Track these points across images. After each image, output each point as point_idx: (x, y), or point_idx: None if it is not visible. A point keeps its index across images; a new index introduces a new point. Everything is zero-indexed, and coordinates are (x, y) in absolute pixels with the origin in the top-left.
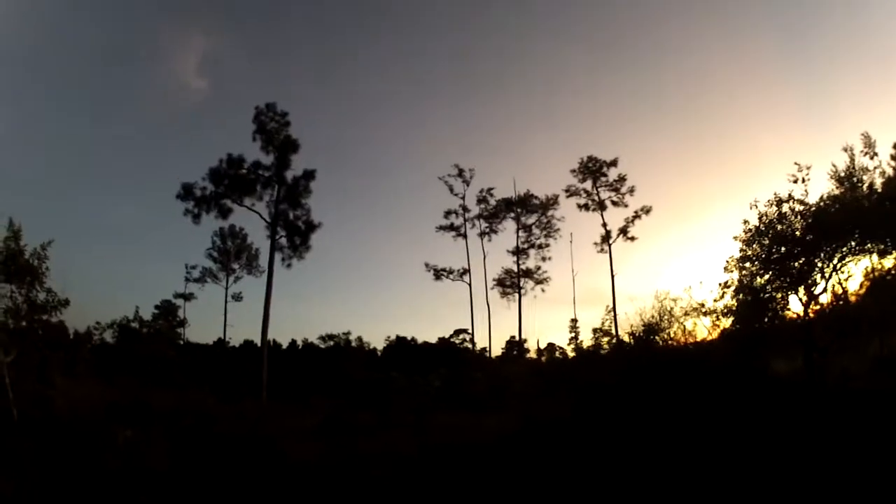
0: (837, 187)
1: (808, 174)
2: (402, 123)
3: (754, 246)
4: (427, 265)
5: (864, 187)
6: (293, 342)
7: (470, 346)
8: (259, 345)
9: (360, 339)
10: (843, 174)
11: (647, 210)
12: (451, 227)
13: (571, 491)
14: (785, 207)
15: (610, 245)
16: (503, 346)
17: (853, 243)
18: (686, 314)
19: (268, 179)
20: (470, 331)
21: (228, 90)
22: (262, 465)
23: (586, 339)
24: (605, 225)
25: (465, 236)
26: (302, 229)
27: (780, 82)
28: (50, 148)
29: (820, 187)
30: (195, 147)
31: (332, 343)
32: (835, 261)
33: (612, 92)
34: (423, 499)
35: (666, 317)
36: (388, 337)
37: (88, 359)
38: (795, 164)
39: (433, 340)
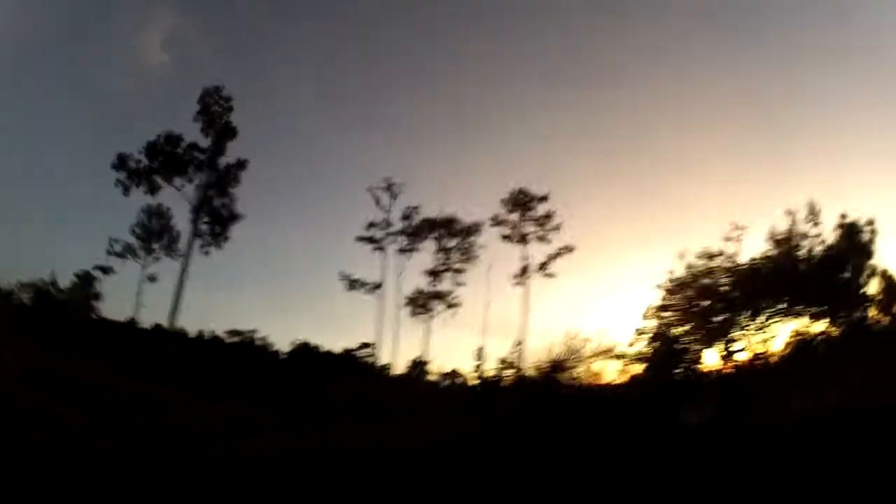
0: (774, 248)
1: (742, 234)
2: (343, 127)
3: (676, 296)
4: (341, 274)
5: (803, 252)
6: (200, 333)
7: (373, 361)
8: (168, 329)
9: (264, 339)
10: (781, 237)
11: (569, 249)
12: (371, 240)
13: None
14: (714, 262)
15: (528, 279)
16: (407, 365)
17: (783, 305)
18: (595, 356)
19: (201, 163)
20: (375, 346)
21: (189, 68)
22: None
23: (491, 369)
24: (525, 259)
25: (383, 250)
26: (224, 218)
27: (729, 134)
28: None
29: (754, 246)
30: (151, 124)
31: (237, 339)
32: (761, 319)
33: (555, 125)
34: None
35: (573, 356)
36: (294, 340)
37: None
38: (731, 223)
39: (338, 350)
